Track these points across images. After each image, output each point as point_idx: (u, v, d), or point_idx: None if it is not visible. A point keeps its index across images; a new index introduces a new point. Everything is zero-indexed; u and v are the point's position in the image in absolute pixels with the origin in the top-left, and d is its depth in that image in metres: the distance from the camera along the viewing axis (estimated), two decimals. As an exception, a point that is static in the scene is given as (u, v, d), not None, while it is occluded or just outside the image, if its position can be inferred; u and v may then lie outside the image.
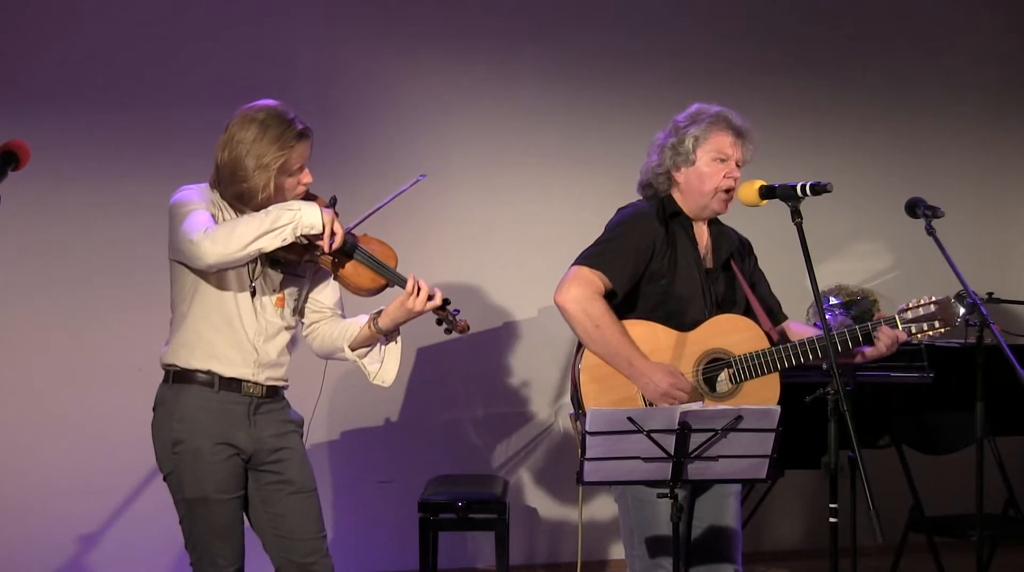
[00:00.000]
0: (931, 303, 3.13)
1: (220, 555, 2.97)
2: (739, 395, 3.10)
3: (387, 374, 3.14)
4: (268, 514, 3.04)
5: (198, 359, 2.97)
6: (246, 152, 2.90)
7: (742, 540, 3.24)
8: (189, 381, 2.97)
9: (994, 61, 5.71)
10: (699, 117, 3.20)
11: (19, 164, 2.50)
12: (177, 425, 2.96)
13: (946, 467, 4.75)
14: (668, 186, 3.24)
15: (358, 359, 3.12)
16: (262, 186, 2.90)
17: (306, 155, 2.97)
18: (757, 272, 3.37)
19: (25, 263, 4.66)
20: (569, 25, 5.20)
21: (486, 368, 5.08)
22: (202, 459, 2.94)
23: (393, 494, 4.90)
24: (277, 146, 2.90)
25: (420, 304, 2.99)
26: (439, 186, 4.94)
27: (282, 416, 3.08)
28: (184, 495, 2.97)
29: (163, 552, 4.66)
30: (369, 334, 3.07)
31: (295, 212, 2.84)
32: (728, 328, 3.14)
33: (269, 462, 3.02)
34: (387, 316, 3.04)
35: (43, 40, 4.67)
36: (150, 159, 4.72)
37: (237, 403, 2.98)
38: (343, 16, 4.98)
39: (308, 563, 3.03)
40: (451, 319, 3.08)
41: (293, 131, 2.92)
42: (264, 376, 3.01)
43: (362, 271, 3.01)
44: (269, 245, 2.83)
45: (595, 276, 3.11)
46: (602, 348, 3.08)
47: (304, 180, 2.99)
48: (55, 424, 4.63)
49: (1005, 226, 5.66)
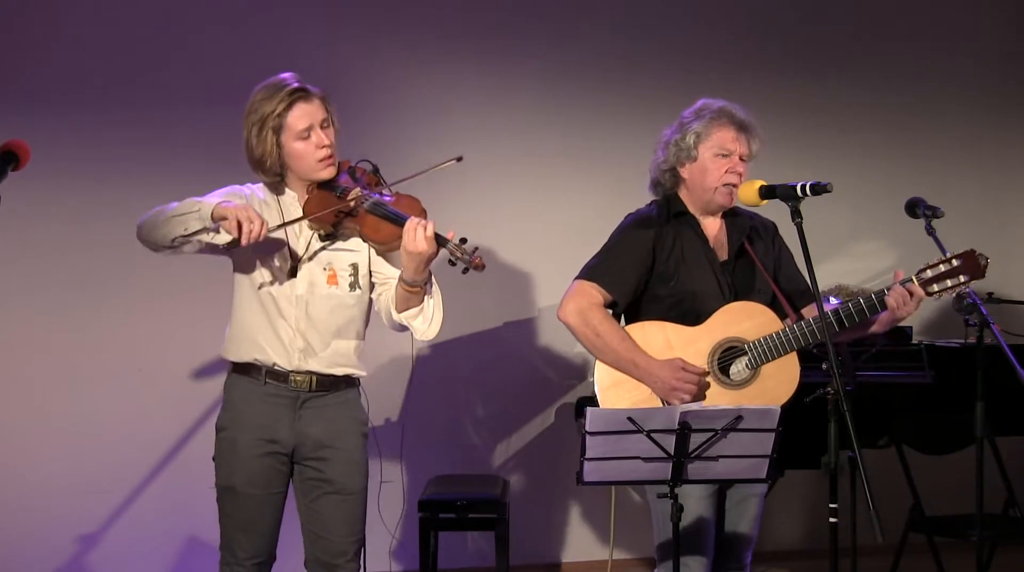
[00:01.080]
0: (953, 258, 3.04)
1: (240, 546, 3.00)
2: (758, 380, 3.10)
3: (433, 329, 3.03)
4: (306, 508, 3.06)
5: (245, 351, 3.00)
6: (251, 121, 2.96)
7: (754, 541, 3.26)
8: (243, 372, 3.01)
9: (995, 61, 5.71)
10: (702, 112, 3.21)
11: (19, 164, 2.50)
12: (225, 413, 3.03)
13: (946, 467, 4.74)
14: (674, 182, 3.25)
15: (408, 321, 3.03)
16: (268, 150, 2.95)
17: (312, 116, 2.96)
18: (784, 255, 3.33)
19: (25, 263, 4.65)
20: (570, 25, 5.20)
21: (486, 368, 5.08)
22: (237, 451, 2.97)
23: (393, 494, 4.89)
24: (270, 107, 2.93)
25: (420, 244, 2.85)
26: (440, 187, 4.93)
27: (340, 412, 3.04)
28: (218, 481, 3.02)
29: (163, 552, 4.66)
30: (404, 292, 2.97)
31: (200, 203, 2.85)
32: (740, 315, 3.13)
33: (312, 458, 3.01)
34: (404, 267, 2.94)
35: (43, 40, 4.67)
36: (151, 159, 4.71)
37: (283, 395, 2.99)
38: (343, 16, 4.98)
39: (334, 564, 3.04)
40: (467, 258, 2.87)
41: (285, 91, 2.94)
42: (316, 365, 2.99)
43: (382, 226, 2.96)
44: (173, 231, 2.83)
45: (592, 288, 3.16)
46: (607, 355, 3.11)
47: (319, 143, 2.96)
48: (55, 424, 4.63)
49: (1005, 226, 5.65)
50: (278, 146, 2.96)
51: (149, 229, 2.91)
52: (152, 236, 2.90)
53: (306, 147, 2.96)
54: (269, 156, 2.95)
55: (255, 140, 2.95)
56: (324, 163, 2.99)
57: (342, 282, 3.03)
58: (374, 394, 4.84)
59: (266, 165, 2.97)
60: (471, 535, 4.97)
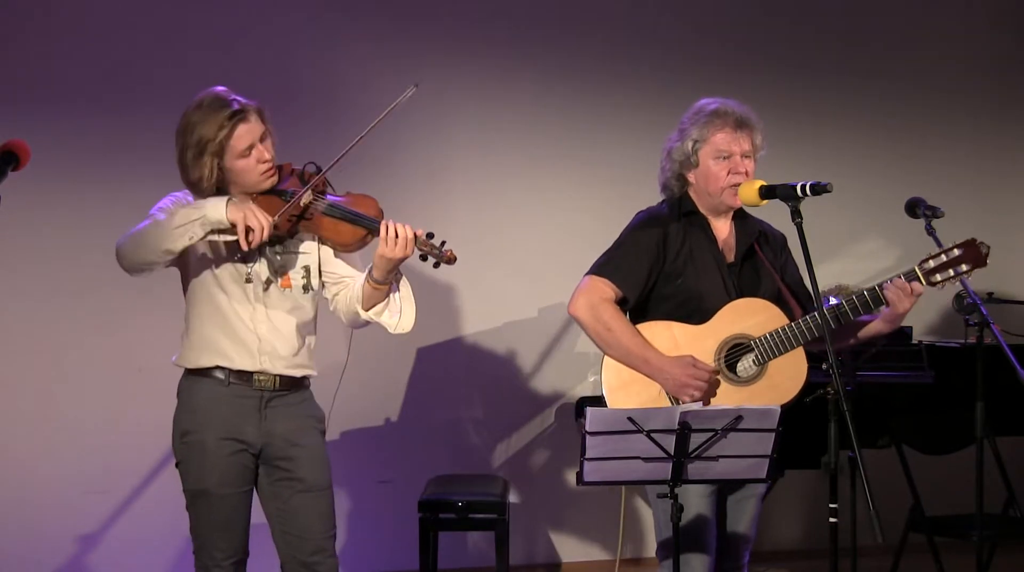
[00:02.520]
0: (954, 247, 3.04)
1: (218, 547, 3.00)
2: (766, 376, 3.10)
3: (406, 322, 3.05)
4: (277, 509, 3.05)
5: (206, 358, 3.00)
6: (187, 142, 2.92)
7: (753, 540, 3.26)
8: (202, 374, 3.01)
9: (994, 61, 5.71)
10: (698, 117, 3.20)
11: (19, 164, 2.50)
12: (188, 416, 3.02)
13: (946, 467, 4.74)
14: (683, 187, 3.26)
15: (375, 318, 3.04)
16: (206, 175, 2.90)
17: (252, 134, 2.93)
18: (789, 265, 3.34)
19: (26, 263, 4.66)
20: (570, 27, 5.20)
21: (486, 368, 5.08)
22: (207, 452, 2.96)
23: (393, 494, 4.89)
24: (210, 132, 2.89)
25: (399, 251, 2.88)
26: (440, 188, 4.94)
27: (301, 411, 3.06)
28: (188, 485, 3.01)
29: (163, 552, 4.66)
30: (372, 290, 2.99)
31: (199, 210, 2.84)
32: (744, 312, 3.13)
33: (280, 458, 3.02)
34: (376, 267, 2.95)
35: (48, 44, 4.67)
36: (150, 162, 4.70)
37: (248, 396, 2.99)
38: (337, 21, 4.97)
39: (312, 562, 3.03)
40: (436, 252, 2.94)
41: (224, 115, 2.90)
42: (277, 366, 2.99)
43: (342, 227, 2.96)
44: (176, 244, 2.82)
45: (604, 284, 3.15)
46: (617, 351, 3.11)
47: (259, 158, 2.95)
48: (56, 424, 4.63)
49: (1005, 226, 5.65)
50: (219, 169, 2.92)
51: (135, 248, 2.87)
52: (139, 255, 2.87)
53: (247, 163, 2.94)
54: (207, 180, 2.92)
55: (191, 163, 2.91)
56: (266, 175, 2.98)
57: (295, 284, 3.03)
58: (374, 394, 4.88)
59: (202, 186, 2.93)
60: (471, 535, 4.97)
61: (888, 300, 3.05)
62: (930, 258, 3.07)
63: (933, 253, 3.07)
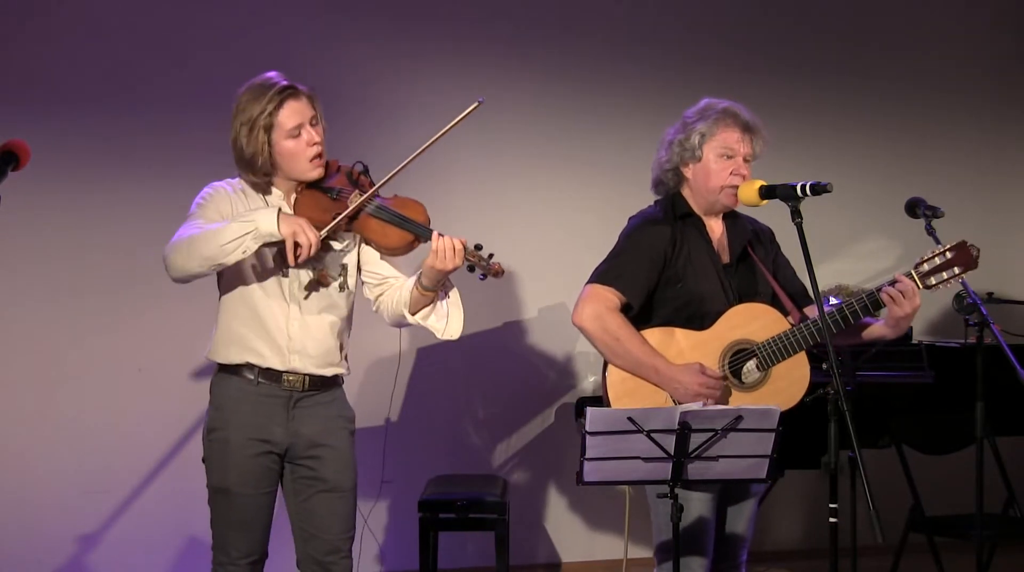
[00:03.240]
0: (945, 250, 3.05)
1: (234, 545, 3.00)
2: (770, 381, 3.10)
3: (453, 328, 3.07)
4: (298, 507, 3.06)
5: (235, 354, 2.99)
6: (240, 121, 2.94)
7: (749, 540, 3.26)
8: (233, 373, 3.00)
9: (994, 61, 5.71)
10: (707, 113, 3.19)
11: (19, 164, 2.50)
12: (215, 414, 3.01)
13: (946, 467, 4.75)
14: (678, 182, 3.24)
15: (422, 321, 3.05)
16: (259, 150, 2.93)
17: (302, 114, 2.95)
18: (780, 258, 3.34)
19: (27, 263, 4.65)
20: (570, 27, 5.20)
21: (486, 368, 5.08)
22: (230, 451, 2.96)
23: (393, 494, 4.89)
24: (259, 107, 2.91)
25: (450, 263, 2.91)
26: (440, 187, 4.93)
27: (330, 411, 3.05)
28: (210, 482, 3.01)
29: (163, 552, 4.66)
30: (420, 296, 3.00)
31: (251, 223, 2.84)
32: (745, 317, 3.12)
33: (305, 457, 3.02)
34: (425, 276, 2.97)
35: (48, 44, 4.67)
36: (152, 163, 4.72)
37: (276, 396, 2.98)
38: (343, 21, 4.97)
39: (327, 561, 3.04)
40: (484, 264, 2.96)
41: (275, 89, 2.93)
42: (307, 365, 2.99)
43: (389, 231, 2.97)
44: (229, 258, 2.83)
45: (608, 292, 3.12)
46: (626, 360, 3.09)
47: (309, 141, 2.96)
48: (56, 424, 4.63)
49: (1005, 226, 5.65)
50: (269, 145, 2.94)
51: (186, 260, 2.85)
52: (190, 268, 2.85)
53: (297, 145, 2.95)
54: (260, 155, 2.94)
55: (245, 140, 2.93)
56: (315, 163, 2.99)
57: (332, 282, 3.03)
58: (374, 393, 4.88)
59: (257, 164, 2.95)
60: (471, 535, 4.96)
61: (885, 302, 3.06)
62: (924, 261, 3.07)
63: (926, 255, 3.08)
